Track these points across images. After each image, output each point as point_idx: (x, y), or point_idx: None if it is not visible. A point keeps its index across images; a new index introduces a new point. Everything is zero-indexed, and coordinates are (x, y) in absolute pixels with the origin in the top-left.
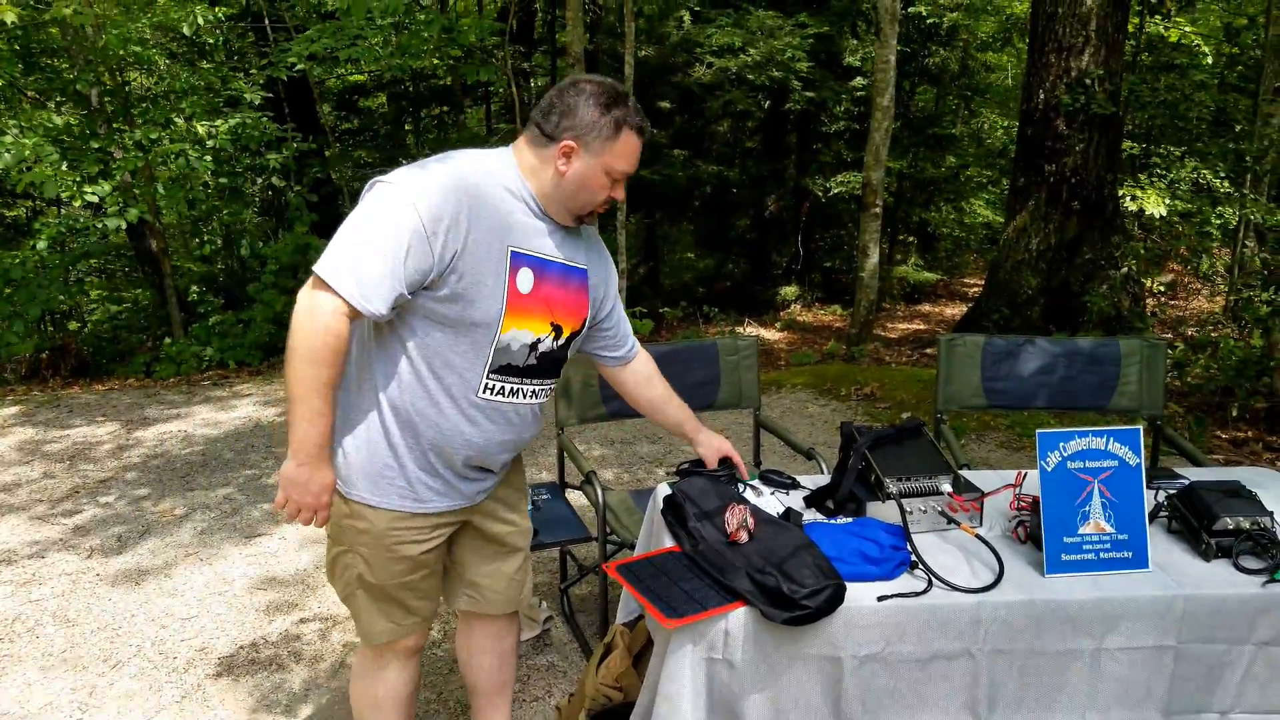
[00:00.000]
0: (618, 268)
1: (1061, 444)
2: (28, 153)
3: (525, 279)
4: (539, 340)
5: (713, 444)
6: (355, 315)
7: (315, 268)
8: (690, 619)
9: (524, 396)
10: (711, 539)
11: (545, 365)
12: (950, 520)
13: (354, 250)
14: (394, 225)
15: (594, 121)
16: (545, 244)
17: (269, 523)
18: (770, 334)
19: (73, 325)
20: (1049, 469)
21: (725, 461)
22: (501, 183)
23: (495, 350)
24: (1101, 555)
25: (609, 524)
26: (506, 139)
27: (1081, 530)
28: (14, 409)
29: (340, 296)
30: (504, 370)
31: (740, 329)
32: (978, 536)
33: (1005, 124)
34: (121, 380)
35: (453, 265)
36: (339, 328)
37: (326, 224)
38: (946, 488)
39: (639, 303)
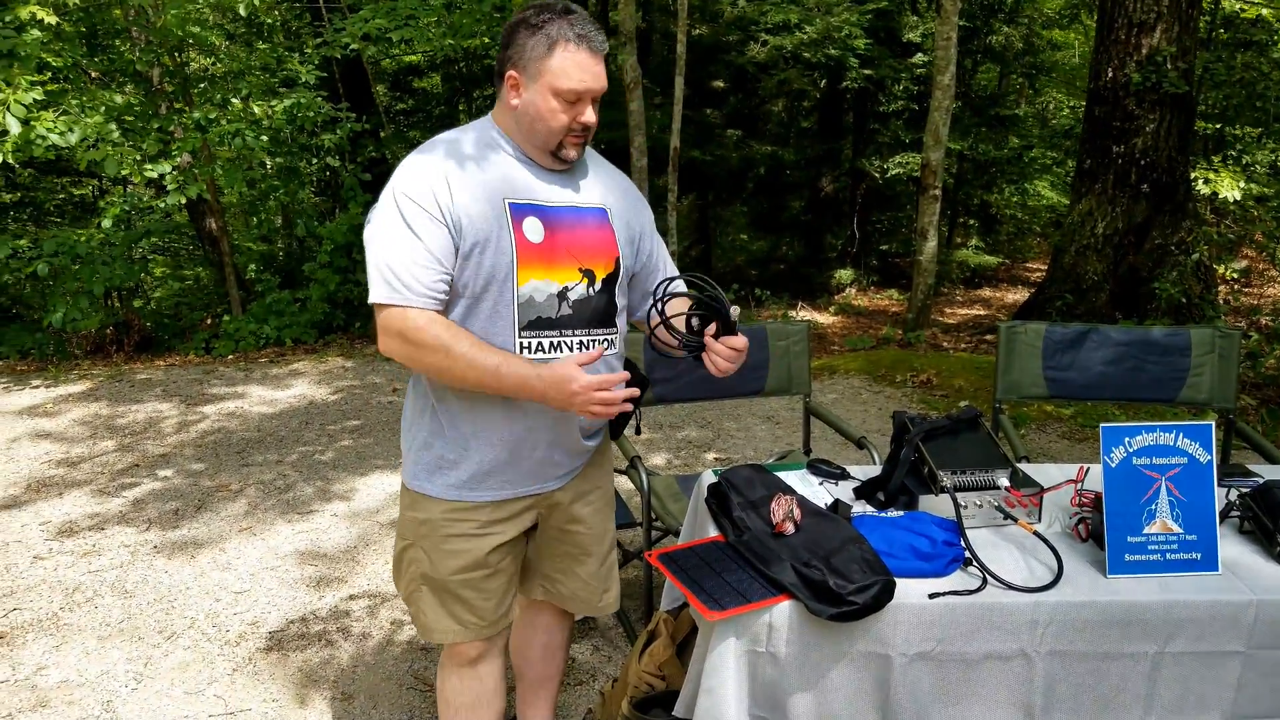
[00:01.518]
0: (669, 249)
1: (1127, 439)
2: (90, 132)
3: (533, 228)
4: (567, 288)
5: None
6: (419, 312)
7: (370, 301)
8: (733, 611)
9: (569, 350)
10: (756, 529)
11: (585, 313)
12: (1007, 516)
13: (378, 265)
14: (396, 223)
15: (526, 43)
16: (546, 190)
17: (320, 500)
18: (824, 318)
19: (137, 302)
20: (1113, 465)
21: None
22: (484, 142)
23: (519, 306)
24: (1168, 556)
25: (654, 510)
26: None
27: (1147, 530)
28: (81, 384)
29: (389, 305)
30: (536, 325)
31: (793, 313)
32: (1036, 533)
33: (1071, 103)
34: (182, 356)
35: (460, 231)
36: (414, 322)
37: None
38: (1004, 482)
39: None
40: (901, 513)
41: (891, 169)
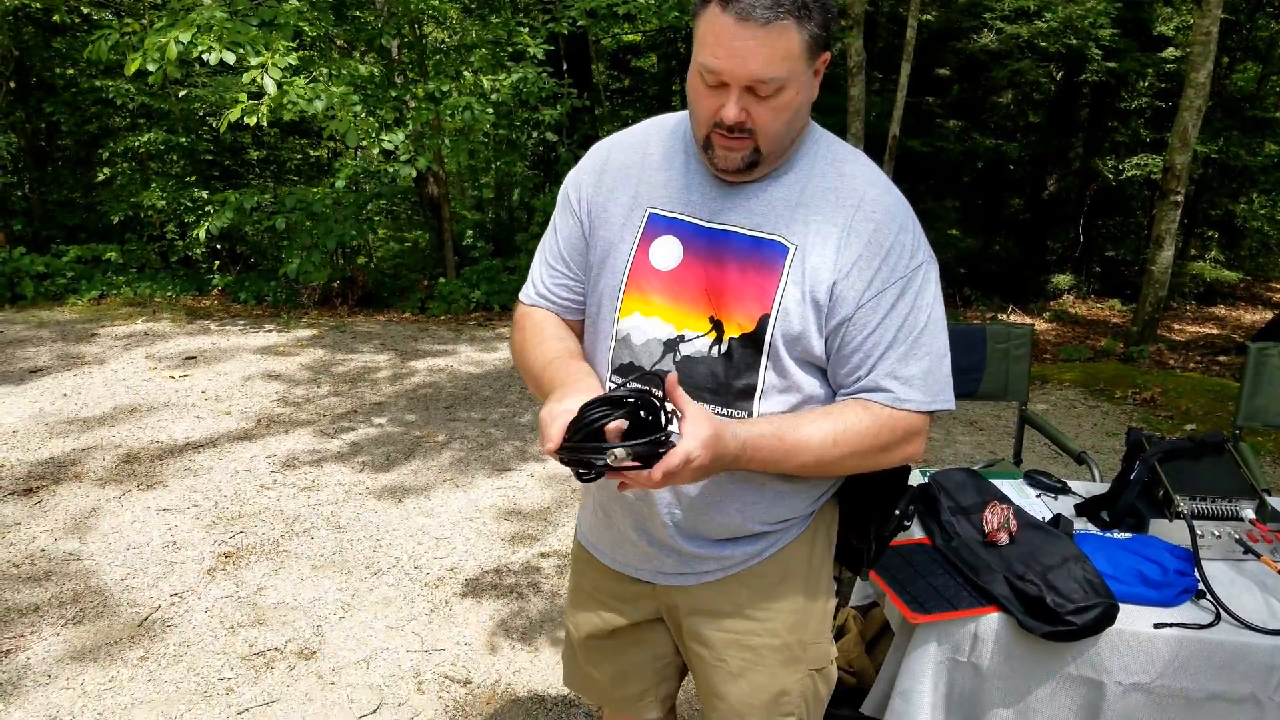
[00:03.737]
0: None
1: None
2: (335, 100)
3: (667, 250)
4: (681, 337)
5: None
6: (523, 307)
7: None
8: (937, 616)
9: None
10: (966, 536)
11: (694, 376)
12: (1249, 550)
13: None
14: (554, 213)
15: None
16: (710, 206)
17: (519, 459)
18: (1037, 324)
19: (361, 260)
20: None
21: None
22: (679, 132)
23: (615, 342)
24: None
25: None
26: None
27: None
28: (308, 331)
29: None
30: (625, 371)
31: (1003, 316)
32: None
33: None
34: (399, 313)
35: (591, 229)
36: (515, 317)
37: None
38: (1248, 514)
39: None
40: (1129, 535)
41: (1127, 170)
